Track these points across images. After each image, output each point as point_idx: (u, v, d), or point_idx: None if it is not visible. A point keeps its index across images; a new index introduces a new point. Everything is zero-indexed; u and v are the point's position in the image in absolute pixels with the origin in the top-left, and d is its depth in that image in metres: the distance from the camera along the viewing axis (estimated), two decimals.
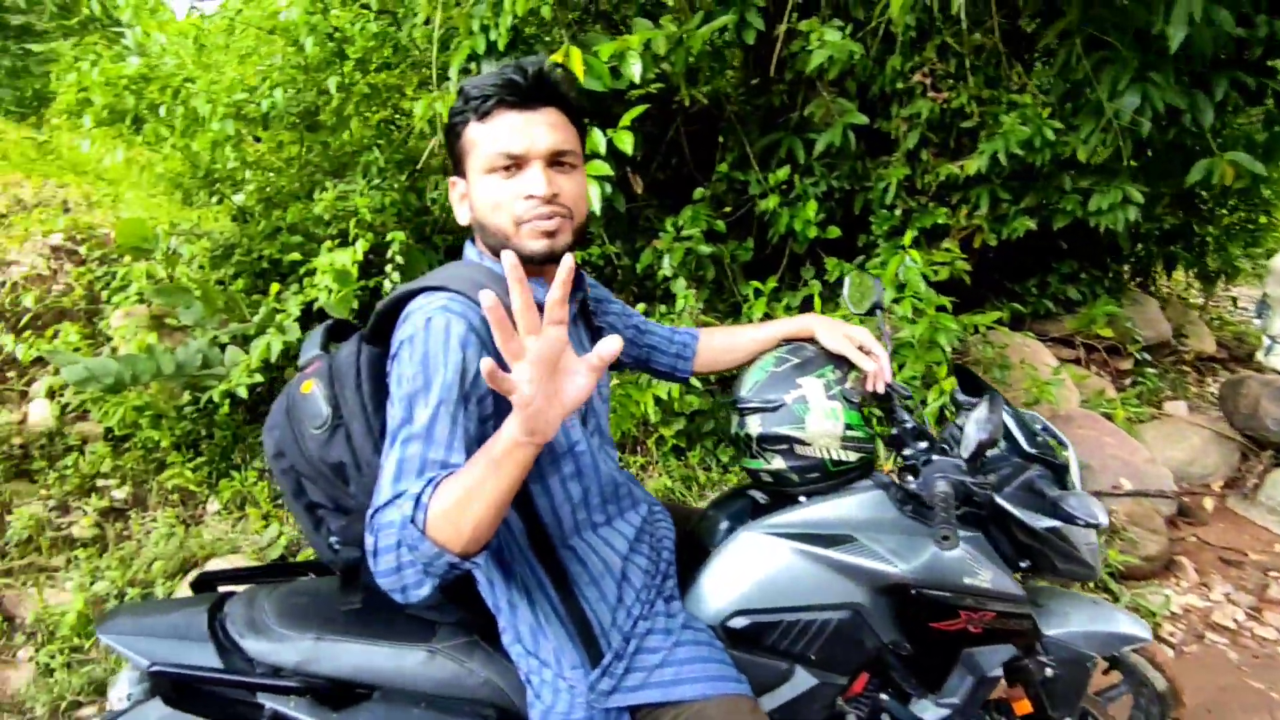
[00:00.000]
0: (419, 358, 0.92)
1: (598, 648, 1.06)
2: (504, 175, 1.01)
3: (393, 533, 0.83)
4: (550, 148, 1.01)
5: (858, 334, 1.32)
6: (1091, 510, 1.15)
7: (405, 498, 0.84)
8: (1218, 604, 2.56)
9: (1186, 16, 2.34)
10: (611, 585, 1.09)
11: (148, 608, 1.18)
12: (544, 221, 1.01)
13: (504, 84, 1.00)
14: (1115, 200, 2.98)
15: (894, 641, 1.26)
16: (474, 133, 1.02)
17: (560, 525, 1.07)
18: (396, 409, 0.92)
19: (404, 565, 0.84)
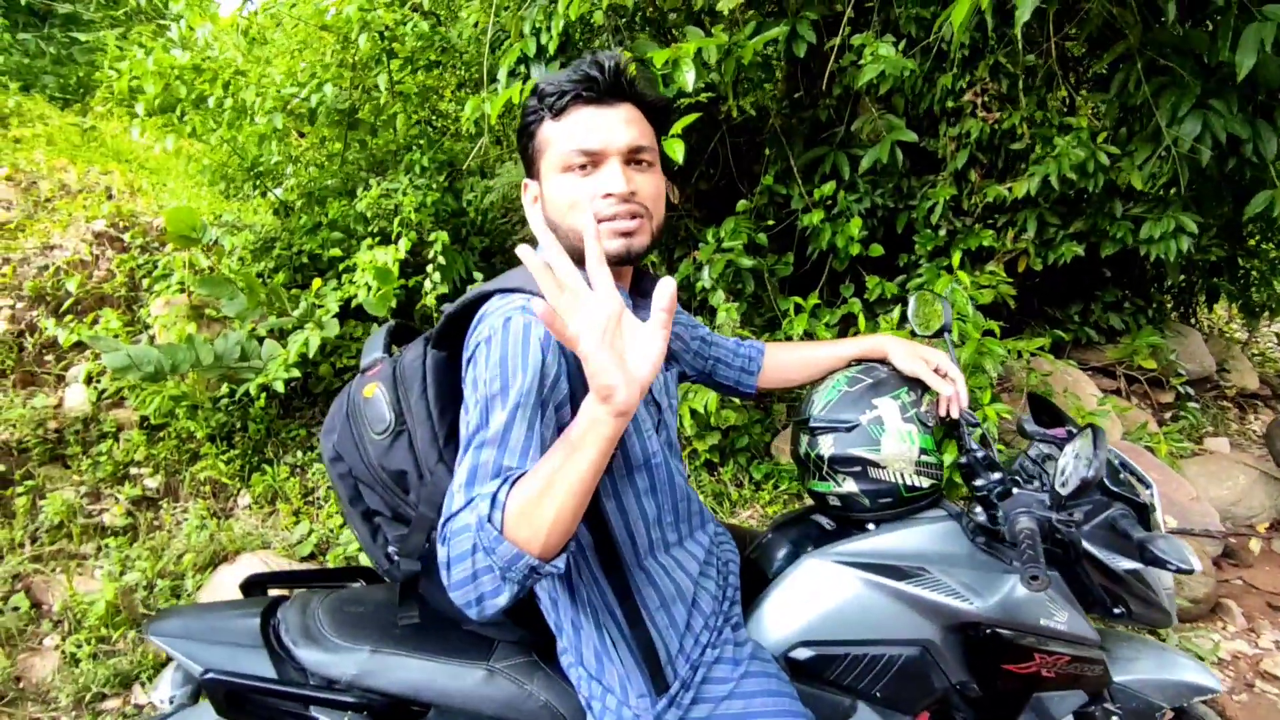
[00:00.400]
0: (496, 359, 0.88)
1: (664, 676, 1.01)
2: (580, 174, 0.98)
3: (468, 537, 0.78)
4: (628, 144, 0.97)
5: (934, 356, 1.27)
6: (1183, 554, 1.10)
7: (480, 499, 0.80)
8: (1267, 651, 2.47)
9: (1257, 44, 2.28)
10: (682, 611, 1.04)
11: (198, 610, 1.16)
12: (623, 221, 0.97)
13: (581, 79, 0.97)
14: (1167, 229, 2.91)
15: (962, 682, 1.21)
16: (548, 131, 0.99)
17: (634, 544, 1.02)
18: (472, 413, 0.88)
19: (480, 572, 0.78)
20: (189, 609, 1.16)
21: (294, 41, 3.08)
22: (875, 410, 1.22)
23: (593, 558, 1.01)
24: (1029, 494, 1.16)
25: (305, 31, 3.08)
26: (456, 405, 1.03)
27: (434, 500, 1.00)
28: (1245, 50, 2.30)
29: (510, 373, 0.87)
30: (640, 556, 1.03)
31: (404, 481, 1.03)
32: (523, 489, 0.78)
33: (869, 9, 3.06)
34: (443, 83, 3.72)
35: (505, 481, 0.80)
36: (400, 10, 3.19)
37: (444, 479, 1.00)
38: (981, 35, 2.92)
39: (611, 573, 1.01)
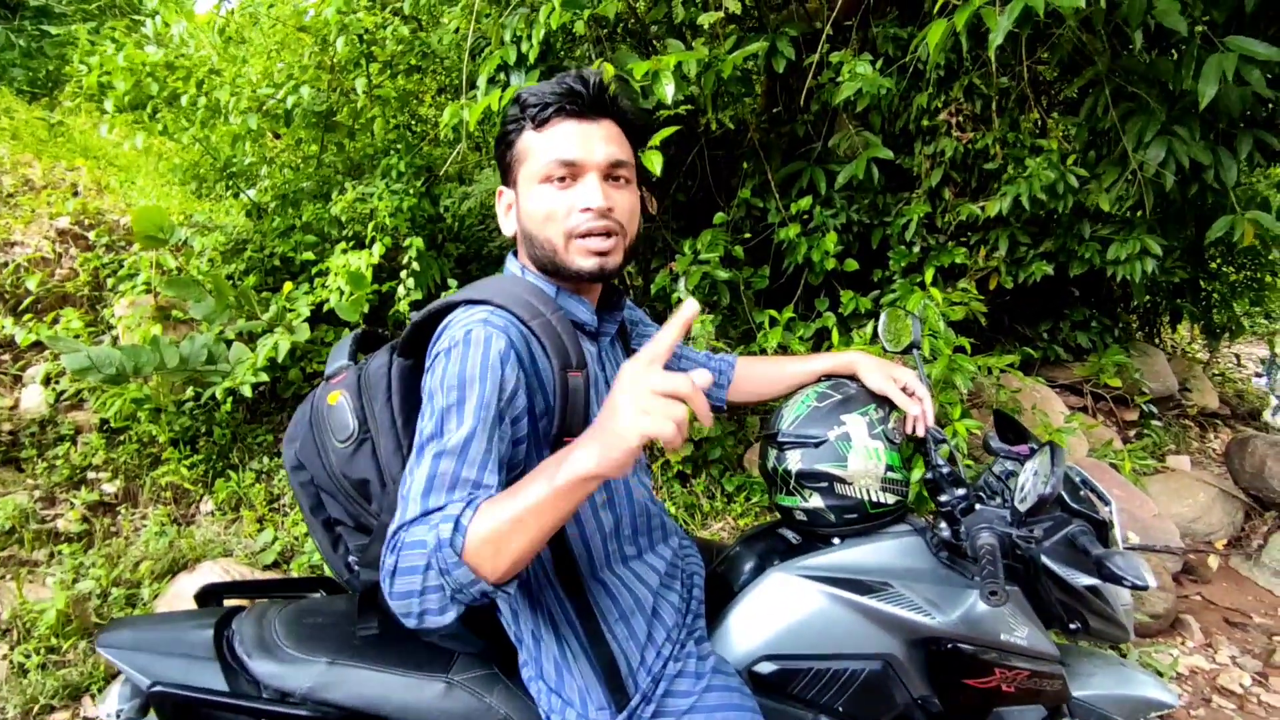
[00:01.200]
0: (455, 371, 0.88)
1: (624, 689, 1.00)
2: (558, 186, 0.98)
3: (422, 554, 0.77)
4: (608, 159, 0.98)
5: (903, 375, 1.29)
6: (1139, 571, 1.11)
7: (442, 518, 0.78)
8: (1224, 667, 2.52)
9: (1218, 75, 2.35)
10: (642, 623, 1.04)
11: (150, 621, 1.12)
12: (598, 240, 0.97)
13: (565, 92, 0.97)
14: (1133, 251, 2.98)
15: (924, 697, 1.21)
16: (529, 141, 0.99)
17: (590, 556, 1.02)
18: (428, 422, 0.87)
19: (429, 590, 0.77)
20: (140, 619, 1.13)
21: (271, 42, 3.05)
22: (843, 427, 1.23)
23: (551, 570, 1.00)
24: (990, 510, 1.17)
25: (283, 32, 3.05)
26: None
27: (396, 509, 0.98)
28: (1207, 80, 2.37)
29: (468, 383, 0.87)
30: (598, 569, 1.03)
31: (366, 490, 1.02)
32: (492, 517, 0.76)
33: (848, 27, 3.11)
34: (423, 88, 3.70)
35: (469, 504, 0.79)
36: (380, 14, 3.17)
37: None
38: (957, 57, 2.98)
39: (570, 585, 1.01)
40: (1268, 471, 3.23)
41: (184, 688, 0.95)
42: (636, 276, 3.51)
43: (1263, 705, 2.34)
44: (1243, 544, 3.26)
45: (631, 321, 1.28)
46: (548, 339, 0.94)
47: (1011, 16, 2.11)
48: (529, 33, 2.57)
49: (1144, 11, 2.33)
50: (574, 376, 0.95)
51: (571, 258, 0.99)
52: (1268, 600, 2.93)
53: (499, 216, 1.08)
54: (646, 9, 3.30)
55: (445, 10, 3.34)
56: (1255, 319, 5.77)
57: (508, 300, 0.96)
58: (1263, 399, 4.66)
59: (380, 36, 3.00)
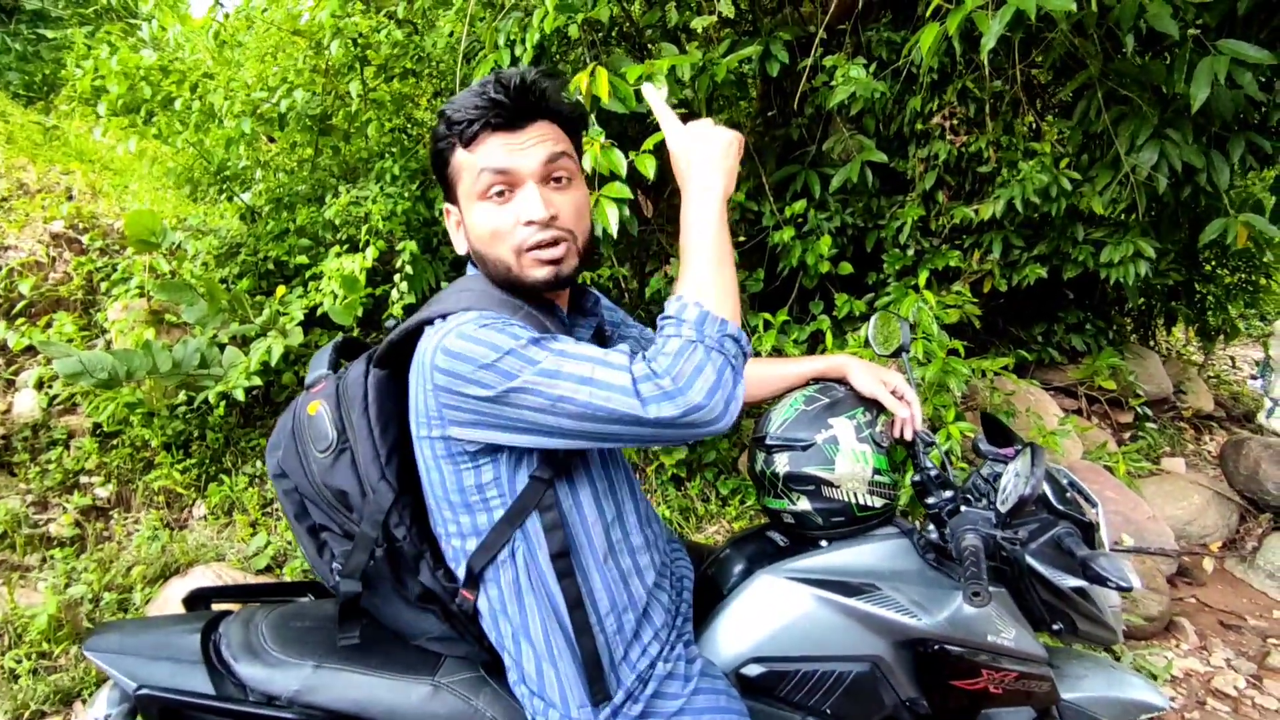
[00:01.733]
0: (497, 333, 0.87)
1: (605, 685, 1.00)
2: (497, 201, 0.96)
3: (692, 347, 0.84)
4: (541, 162, 0.96)
5: (892, 378, 1.29)
6: (1123, 573, 1.11)
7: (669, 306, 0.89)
8: (1219, 669, 2.52)
9: (1210, 78, 2.35)
10: (632, 618, 1.03)
11: (137, 625, 1.12)
12: (548, 250, 0.96)
13: (487, 105, 0.94)
14: (1127, 254, 2.99)
15: (911, 699, 1.21)
16: (460, 159, 0.98)
17: (591, 546, 1.01)
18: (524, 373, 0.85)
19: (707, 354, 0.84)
20: (128, 624, 1.13)
21: (265, 45, 3.05)
22: (830, 430, 1.23)
23: (545, 560, 0.98)
24: (976, 512, 1.17)
25: (277, 36, 3.05)
26: (398, 422, 1.02)
27: (375, 519, 0.99)
28: (1199, 83, 2.38)
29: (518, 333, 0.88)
30: (598, 558, 1.01)
31: (346, 500, 1.02)
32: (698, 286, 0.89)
33: (841, 31, 3.12)
34: (419, 91, 3.71)
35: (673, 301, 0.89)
36: (375, 17, 3.17)
37: (386, 497, 0.99)
38: (950, 60, 2.99)
39: (562, 570, 0.98)
40: (1262, 474, 3.23)
41: (170, 691, 0.95)
42: (632, 279, 3.51)
43: (1257, 708, 2.34)
44: (1237, 546, 3.26)
45: (613, 324, 1.28)
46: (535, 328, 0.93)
47: (1003, 20, 2.11)
48: (523, 36, 2.57)
49: (1135, 15, 2.34)
50: None
51: (525, 271, 0.98)
52: (1262, 603, 2.93)
53: (450, 234, 1.07)
54: (641, 12, 3.30)
55: (440, 14, 3.35)
56: (1251, 321, 5.77)
57: (486, 304, 0.95)
58: (1258, 401, 4.66)
59: (375, 40, 3.00)
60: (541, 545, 0.98)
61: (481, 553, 0.99)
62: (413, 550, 1.03)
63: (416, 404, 0.96)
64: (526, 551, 0.99)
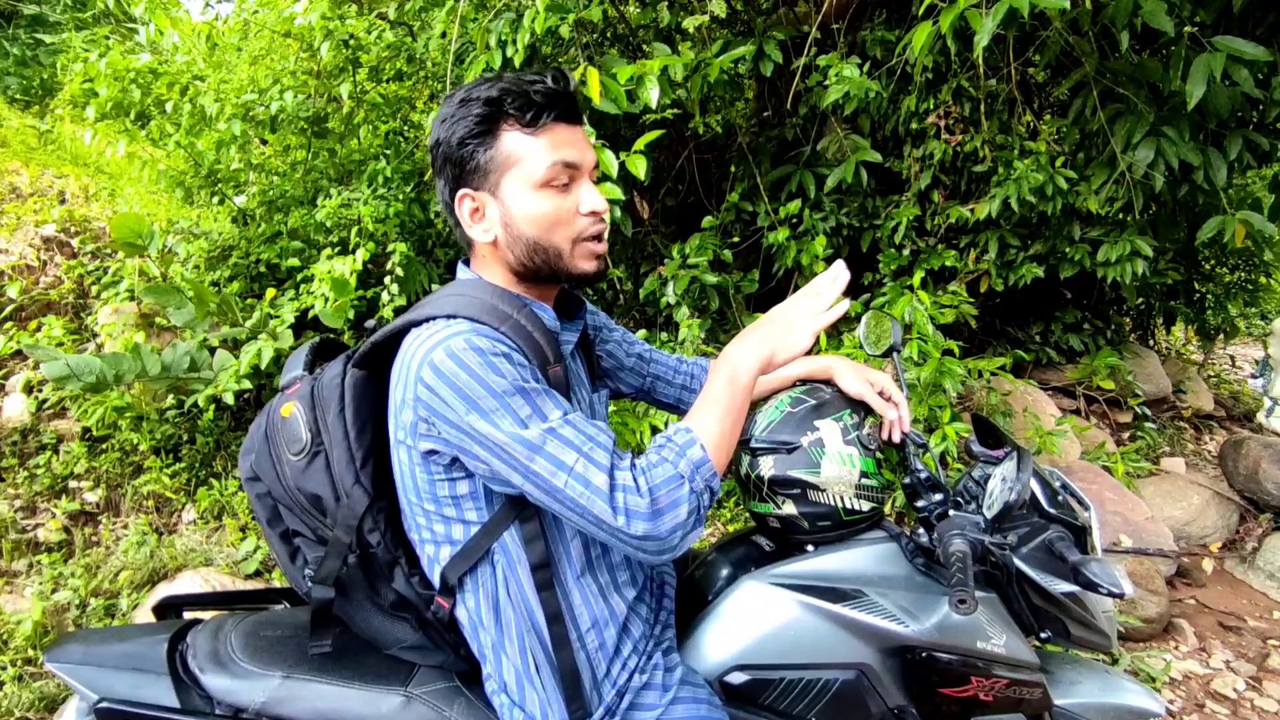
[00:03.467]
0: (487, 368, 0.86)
1: (586, 702, 0.98)
2: (560, 190, 0.97)
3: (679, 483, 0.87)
4: (592, 164, 1.00)
5: (879, 379, 1.26)
6: (1115, 579, 1.09)
7: (668, 447, 0.90)
8: (1218, 671, 2.49)
9: (1206, 75, 2.33)
10: (613, 634, 1.01)
11: (103, 634, 1.10)
12: (598, 244, 1.01)
13: (556, 95, 0.95)
14: (1124, 252, 2.97)
15: (900, 707, 1.18)
16: (520, 143, 0.94)
17: (569, 561, 0.99)
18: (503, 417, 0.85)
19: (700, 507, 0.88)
20: (93, 633, 1.11)
21: (256, 47, 3.04)
22: (816, 432, 1.20)
23: (524, 573, 0.97)
24: (964, 516, 1.15)
25: (268, 38, 3.04)
26: (375, 425, 1.00)
27: (349, 524, 0.96)
28: (1195, 80, 2.36)
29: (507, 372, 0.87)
30: (576, 574, 1.00)
31: (320, 504, 1.00)
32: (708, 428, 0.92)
33: (835, 31, 3.10)
34: (415, 93, 3.69)
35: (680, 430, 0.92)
36: (367, 18, 3.16)
37: (360, 502, 0.97)
38: (945, 59, 2.97)
39: (541, 582, 0.97)
40: (1262, 474, 3.21)
41: (131, 704, 0.93)
42: (627, 281, 3.50)
43: (1256, 710, 2.32)
44: (1237, 547, 3.23)
45: (595, 327, 1.26)
46: (521, 340, 0.93)
47: (996, 18, 2.09)
48: (514, 37, 2.56)
49: (1130, 12, 2.32)
50: (553, 371, 0.96)
51: (576, 262, 0.99)
52: (1262, 604, 2.90)
53: (464, 222, 1.00)
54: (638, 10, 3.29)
55: (433, 15, 3.33)
56: (1251, 320, 5.74)
57: (473, 311, 0.93)
58: (1258, 401, 4.63)
59: (366, 42, 2.99)
60: (521, 559, 0.97)
61: (458, 562, 0.97)
62: (387, 556, 1.01)
63: (396, 409, 0.94)
64: (506, 564, 0.97)
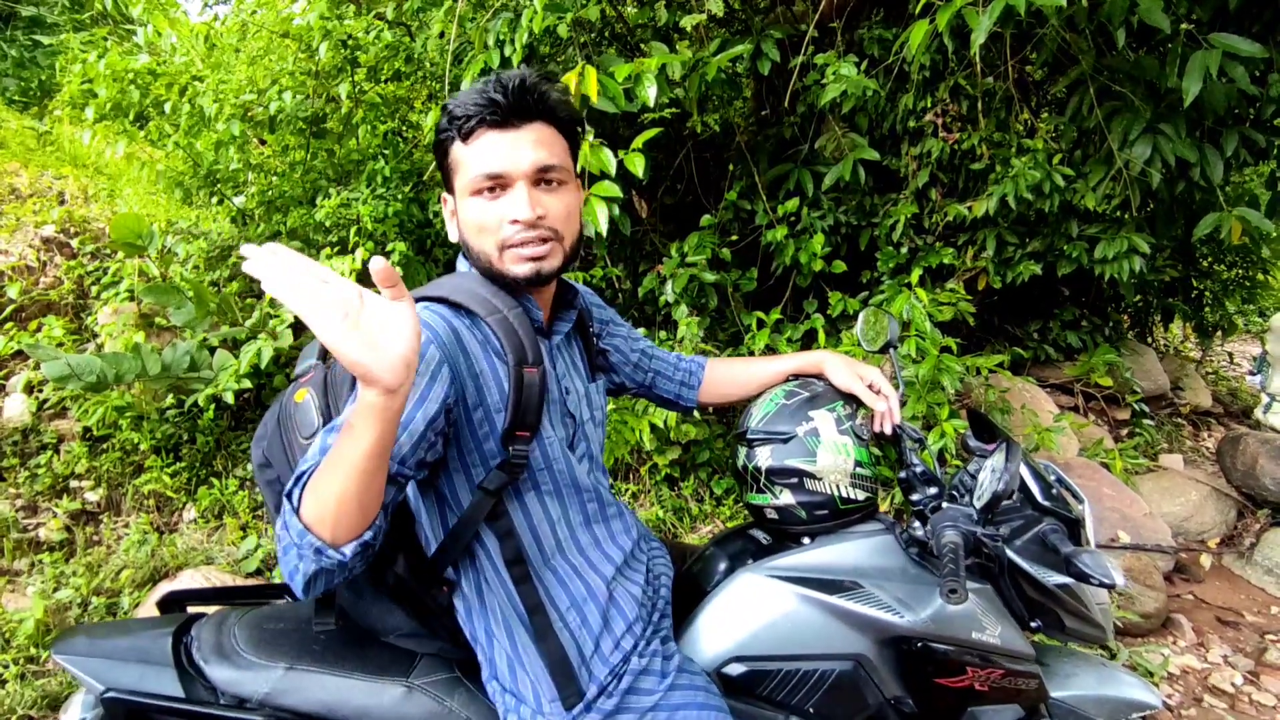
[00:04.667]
0: None
1: (577, 680, 0.99)
2: (488, 197, 0.97)
3: (283, 531, 0.82)
4: (533, 166, 0.96)
5: (869, 373, 1.28)
6: (1106, 570, 1.10)
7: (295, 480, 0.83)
8: (1215, 666, 2.50)
9: (1202, 71, 2.34)
10: (595, 611, 1.03)
11: (108, 628, 1.11)
12: (530, 247, 0.97)
13: (485, 103, 0.95)
14: (1121, 249, 2.97)
15: (896, 697, 1.19)
16: (458, 153, 0.99)
17: (539, 545, 1.02)
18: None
19: (286, 547, 0.81)
20: (98, 627, 1.12)
21: (254, 47, 3.05)
22: (811, 422, 1.22)
23: (499, 561, 1.00)
24: (956, 508, 1.16)
25: (267, 38, 3.05)
26: None
27: None
28: (1191, 77, 2.36)
29: None
30: (547, 557, 1.02)
31: None
32: (316, 471, 0.80)
33: (833, 29, 3.11)
34: (413, 93, 3.70)
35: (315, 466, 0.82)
36: (365, 19, 3.17)
37: None
38: (942, 58, 2.98)
39: (518, 576, 1.00)
40: (1260, 469, 3.21)
41: (138, 694, 0.94)
42: (625, 280, 3.50)
43: (1254, 704, 2.33)
44: (1235, 542, 3.24)
45: (601, 322, 1.27)
46: (504, 336, 0.95)
47: (993, 16, 2.10)
48: (512, 36, 2.57)
49: (1126, 9, 2.33)
50: (529, 373, 0.96)
51: (506, 266, 0.99)
52: (1260, 599, 2.91)
53: (445, 222, 1.08)
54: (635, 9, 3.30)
55: (432, 14, 3.34)
56: (1249, 316, 5.76)
57: (465, 298, 0.97)
58: (1256, 397, 4.65)
59: (364, 42, 3.00)
60: (496, 553, 1.00)
61: (444, 554, 1.00)
62: (389, 541, 1.02)
63: None
64: (485, 557, 1.00)
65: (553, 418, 1.02)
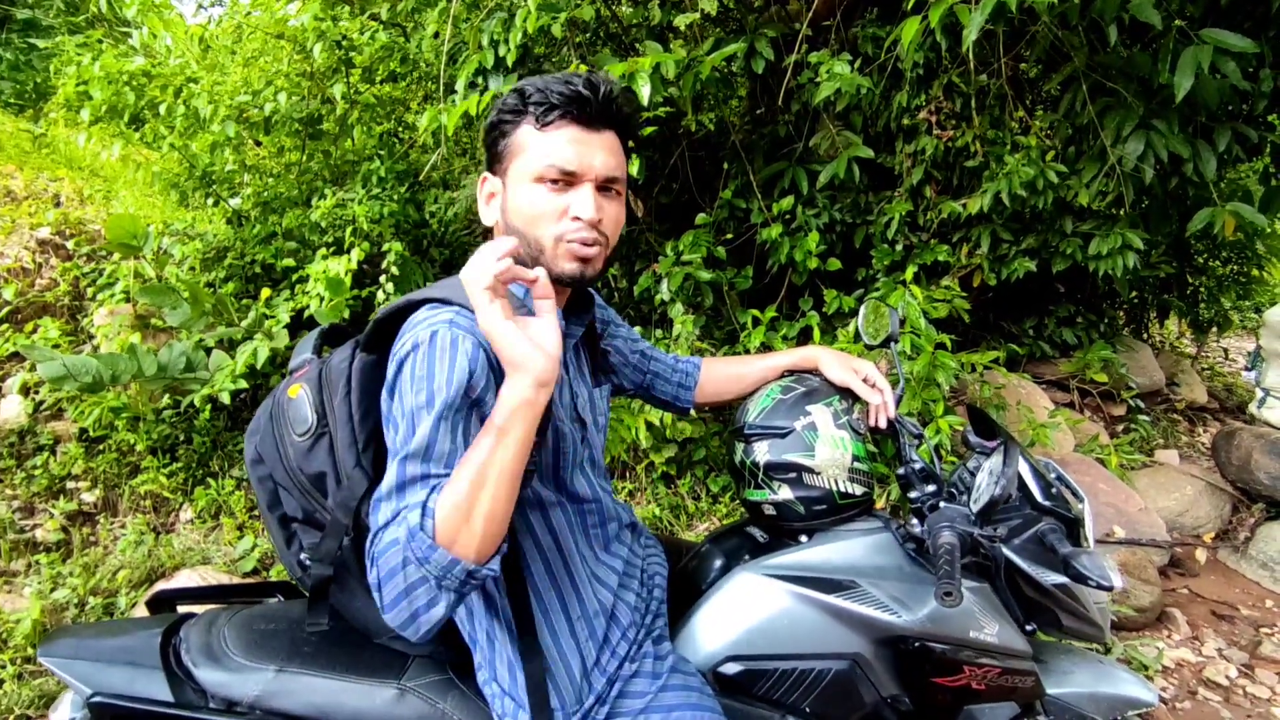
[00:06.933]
0: (423, 373, 0.87)
1: (578, 691, 0.99)
2: (552, 188, 0.96)
3: (397, 552, 0.78)
4: (605, 172, 0.97)
5: (864, 367, 1.29)
6: (1105, 571, 1.10)
7: (408, 509, 0.80)
8: (1210, 659, 2.51)
9: (1194, 67, 2.35)
10: (600, 624, 1.03)
11: (97, 628, 1.10)
12: (584, 247, 0.97)
13: (573, 96, 0.95)
14: (1115, 246, 2.98)
15: (893, 696, 1.20)
16: (528, 137, 0.97)
17: (545, 555, 1.01)
18: (401, 427, 0.86)
19: (413, 585, 0.78)
20: (87, 627, 1.11)
21: (249, 49, 3.04)
22: (809, 417, 1.22)
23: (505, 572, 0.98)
24: (954, 508, 1.16)
25: (261, 39, 3.04)
26: (378, 409, 1.01)
27: (348, 505, 0.97)
28: (1183, 72, 2.37)
29: (436, 385, 0.86)
30: (552, 566, 1.02)
31: (323, 485, 1.01)
32: (452, 490, 0.78)
33: (827, 28, 3.11)
34: (409, 94, 3.70)
35: (433, 490, 0.80)
36: (360, 20, 3.16)
37: (360, 484, 0.98)
38: (935, 55, 2.98)
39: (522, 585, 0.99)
40: (1254, 464, 3.22)
41: (124, 698, 0.93)
42: (621, 279, 3.50)
43: (1249, 697, 2.34)
44: (1230, 536, 3.25)
45: (604, 322, 1.27)
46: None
47: (984, 12, 2.10)
48: (506, 36, 2.56)
49: (1118, 6, 2.33)
50: None
51: (556, 261, 0.97)
52: (1255, 592, 2.92)
53: (479, 204, 1.05)
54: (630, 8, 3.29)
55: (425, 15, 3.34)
56: (1245, 312, 5.76)
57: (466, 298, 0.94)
58: (1251, 392, 4.66)
59: (359, 43, 2.99)
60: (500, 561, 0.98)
61: None
62: None
63: (385, 390, 0.95)
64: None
65: (563, 422, 1.02)
